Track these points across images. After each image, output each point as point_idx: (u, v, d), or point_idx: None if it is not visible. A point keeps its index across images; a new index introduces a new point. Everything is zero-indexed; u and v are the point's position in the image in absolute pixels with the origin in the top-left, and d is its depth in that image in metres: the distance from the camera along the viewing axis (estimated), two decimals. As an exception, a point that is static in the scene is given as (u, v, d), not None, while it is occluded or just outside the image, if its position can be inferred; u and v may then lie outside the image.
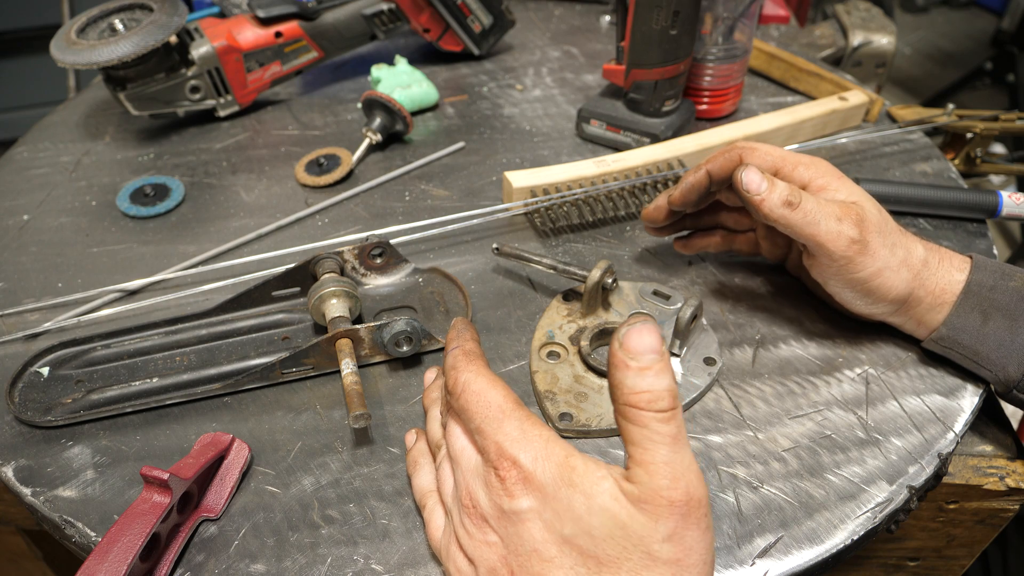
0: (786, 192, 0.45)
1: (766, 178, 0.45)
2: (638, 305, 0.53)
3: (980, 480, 0.47)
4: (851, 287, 0.46)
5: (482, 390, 0.35)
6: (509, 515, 0.32)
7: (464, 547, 0.34)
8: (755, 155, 0.48)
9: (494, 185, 0.67)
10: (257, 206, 0.66)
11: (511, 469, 0.32)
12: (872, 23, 1.03)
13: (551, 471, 0.32)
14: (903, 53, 2.76)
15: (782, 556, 0.39)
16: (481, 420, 0.34)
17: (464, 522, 0.34)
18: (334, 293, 0.49)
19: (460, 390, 0.36)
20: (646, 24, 0.64)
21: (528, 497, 0.32)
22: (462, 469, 0.35)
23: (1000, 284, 0.46)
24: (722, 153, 0.50)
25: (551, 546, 0.31)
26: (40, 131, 0.78)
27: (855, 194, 0.47)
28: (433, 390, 0.45)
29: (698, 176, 0.50)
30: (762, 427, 0.45)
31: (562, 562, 0.31)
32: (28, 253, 0.61)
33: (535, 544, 0.32)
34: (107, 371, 0.49)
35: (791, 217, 0.45)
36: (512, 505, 0.32)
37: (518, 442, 0.33)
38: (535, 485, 0.32)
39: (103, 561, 0.35)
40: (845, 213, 0.45)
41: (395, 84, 0.77)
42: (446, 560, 0.36)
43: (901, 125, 0.72)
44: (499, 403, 0.35)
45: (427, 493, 0.40)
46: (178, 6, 0.70)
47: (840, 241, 0.44)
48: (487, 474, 0.33)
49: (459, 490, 0.35)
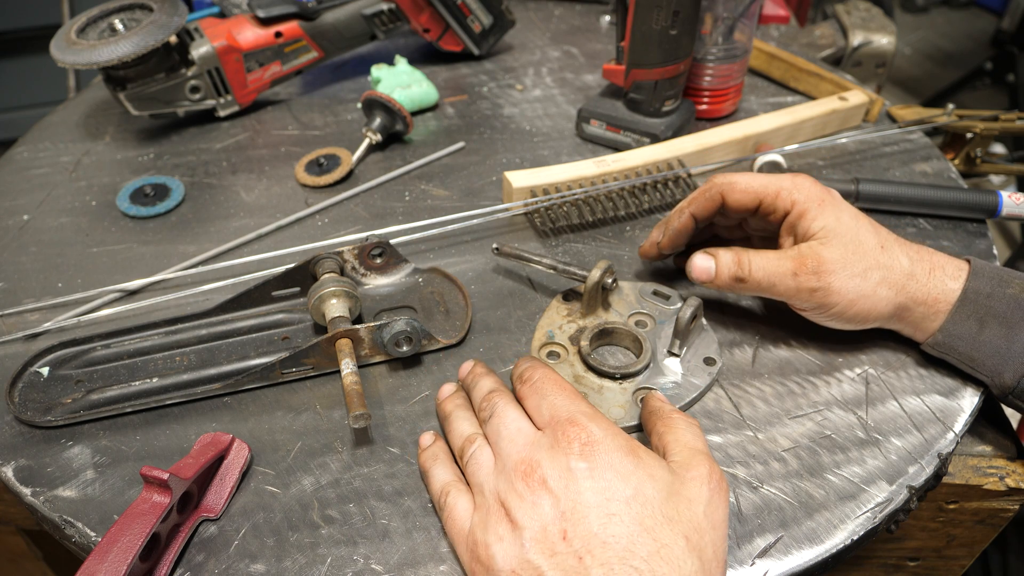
0: (733, 269, 0.48)
1: (711, 255, 0.49)
2: (638, 305, 0.53)
3: (980, 480, 0.47)
4: (830, 320, 0.47)
5: (560, 380, 0.41)
6: (575, 472, 0.35)
7: (511, 510, 0.35)
8: (735, 189, 0.49)
9: (494, 185, 0.67)
10: (257, 206, 0.66)
11: (582, 432, 0.36)
12: (872, 23, 1.03)
13: (618, 443, 0.36)
14: (903, 53, 2.76)
15: (782, 556, 0.39)
16: (559, 395, 0.39)
17: (516, 486, 0.36)
18: (334, 293, 0.49)
19: (539, 375, 0.41)
20: (646, 24, 0.64)
21: (596, 458, 0.35)
22: (518, 444, 0.38)
23: (997, 291, 0.46)
24: (702, 193, 0.51)
25: (614, 503, 0.34)
26: (40, 131, 0.78)
27: (831, 220, 0.46)
28: (456, 397, 0.45)
29: (683, 220, 0.51)
30: (762, 427, 0.45)
31: (623, 517, 0.33)
32: (28, 253, 0.61)
33: (598, 500, 0.34)
34: (107, 371, 0.49)
35: (744, 289, 0.48)
36: (579, 463, 0.35)
37: (592, 417, 0.37)
38: (603, 449, 0.35)
39: (103, 561, 0.35)
40: (800, 267, 0.46)
41: (395, 84, 0.77)
42: (482, 532, 0.36)
43: (901, 125, 0.72)
44: (574, 391, 0.40)
45: (449, 482, 0.40)
46: (178, 6, 0.70)
47: (801, 295, 0.46)
48: (556, 436, 0.36)
49: (510, 461, 0.37)
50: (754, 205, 0.49)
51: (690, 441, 0.38)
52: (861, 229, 0.46)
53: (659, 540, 0.32)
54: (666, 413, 0.41)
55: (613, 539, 0.32)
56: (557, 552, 0.33)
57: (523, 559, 0.33)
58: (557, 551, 0.33)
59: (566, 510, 0.34)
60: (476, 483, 0.38)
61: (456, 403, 0.44)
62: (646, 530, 0.33)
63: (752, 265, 0.47)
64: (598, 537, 0.32)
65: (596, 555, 0.32)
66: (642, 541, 0.32)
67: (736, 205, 0.49)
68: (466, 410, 0.43)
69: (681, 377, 0.48)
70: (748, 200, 0.49)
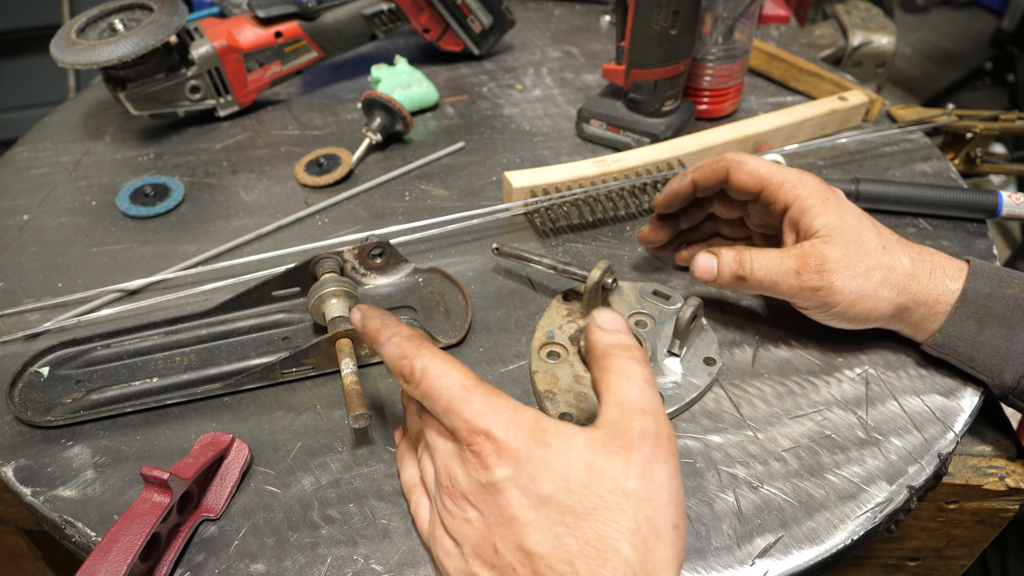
0: (735, 268, 0.47)
1: (714, 254, 0.48)
2: (638, 305, 0.53)
3: (980, 480, 0.47)
4: (831, 319, 0.47)
5: (441, 372, 0.35)
6: (487, 488, 0.33)
7: (448, 528, 0.35)
8: (742, 169, 0.48)
9: (494, 185, 0.67)
10: (257, 206, 0.66)
11: (484, 443, 0.33)
12: (872, 23, 1.03)
13: (523, 437, 0.33)
14: (903, 53, 2.76)
15: (782, 556, 0.39)
16: (448, 401, 0.34)
17: (445, 503, 0.35)
18: (334, 293, 0.49)
19: (419, 376, 0.35)
20: (646, 24, 0.64)
21: (503, 466, 0.32)
22: (440, 453, 0.36)
23: (997, 292, 0.46)
24: (709, 163, 0.50)
25: (528, 510, 0.32)
26: (40, 131, 0.78)
27: (834, 219, 0.46)
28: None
29: (683, 183, 0.51)
30: (762, 427, 0.45)
31: (540, 524, 0.32)
32: (28, 253, 0.61)
33: (513, 512, 0.32)
34: (107, 371, 0.49)
35: (746, 288, 0.48)
36: (489, 477, 0.33)
37: (487, 415, 0.33)
38: (509, 453, 0.32)
39: (103, 561, 0.35)
40: (803, 266, 0.45)
41: (395, 84, 0.77)
42: (434, 546, 0.36)
43: (901, 125, 0.72)
44: (462, 381, 0.35)
45: (412, 486, 0.40)
46: (178, 6, 0.70)
47: (803, 294, 0.46)
48: (462, 452, 0.34)
49: (438, 474, 0.36)
50: (757, 190, 0.48)
51: (623, 392, 0.34)
52: (864, 229, 0.46)
53: (581, 538, 0.31)
54: (601, 351, 0.36)
55: (536, 548, 0.31)
56: (495, 565, 0.33)
57: (469, 572, 0.34)
58: (495, 564, 0.33)
59: (491, 523, 0.33)
60: (428, 486, 0.38)
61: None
62: (567, 530, 0.31)
63: (754, 264, 0.47)
64: (523, 549, 0.32)
65: (527, 565, 0.32)
66: (564, 544, 0.31)
67: (739, 185, 0.49)
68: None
69: (681, 377, 0.48)
70: (752, 183, 0.48)
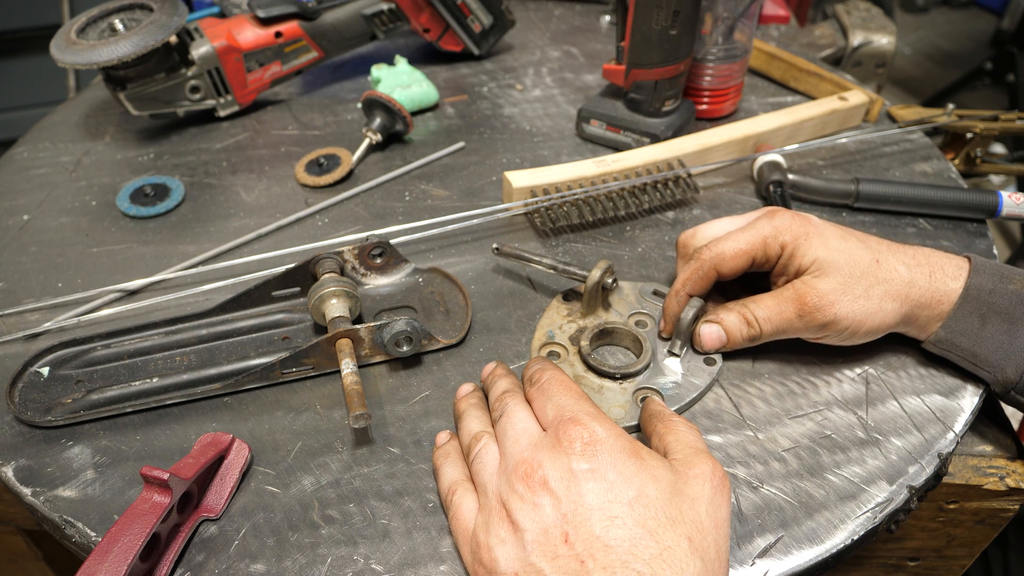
0: (745, 331, 0.48)
1: (716, 322, 0.48)
2: (638, 305, 0.53)
3: (980, 480, 0.47)
4: (845, 341, 0.48)
5: (568, 380, 0.41)
6: (576, 474, 0.34)
7: (512, 512, 0.35)
8: (726, 260, 0.48)
9: (494, 185, 0.67)
10: (257, 206, 0.66)
11: (584, 431, 0.36)
12: (872, 23, 1.03)
13: (621, 444, 0.36)
14: (903, 53, 2.76)
15: (782, 556, 0.39)
16: (565, 395, 0.39)
17: (516, 488, 0.35)
18: (334, 293, 0.49)
19: (548, 377, 0.41)
20: (646, 24, 0.64)
21: (598, 459, 0.35)
22: (521, 444, 0.37)
23: (999, 287, 0.46)
24: (695, 272, 0.48)
25: (616, 505, 0.33)
26: (40, 131, 0.78)
27: (820, 251, 0.46)
28: (472, 397, 0.45)
29: (681, 304, 0.49)
30: (762, 427, 0.45)
31: (625, 521, 0.33)
32: (28, 253, 0.61)
33: (600, 503, 0.34)
34: (107, 371, 0.49)
35: (760, 342, 0.48)
36: (581, 464, 0.35)
37: (596, 417, 0.37)
38: (605, 449, 0.35)
39: (103, 561, 0.35)
40: (802, 308, 0.46)
41: (395, 84, 0.77)
42: (484, 534, 0.36)
43: (901, 125, 0.72)
44: (580, 391, 0.40)
45: (457, 481, 0.40)
46: (178, 6, 0.70)
47: (810, 332, 0.47)
48: (558, 436, 0.36)
49: (512, 462, 0.37)
50: (748, 265, 0.48)
51: (691, 441, 0.38)
52: (852, 250, 0.46)
53: (662, 543, 0.32)
54: (667, 416, 0.41)
55: (615, 542, 0.32)
56: (559, 555, 0.33)
57: (525, 562, 0.33)
58: (559, 554, 0.33)
59: (568, 512, 0.34)
60: (480, 483, 0.38)
61: (471, 402, 0.44)
62: (649, 532, 0.32)
63: (759, 319, 0.47)
64: (600, 540, 0.32)
65: (598, 559, 0.32)
66: (644, 544, 0.32)
67: (731, 273, 0.48)
68: (479, 409, 0.44)
69: (681, 377, 0.48)
70: (742, 263, 0.48)
